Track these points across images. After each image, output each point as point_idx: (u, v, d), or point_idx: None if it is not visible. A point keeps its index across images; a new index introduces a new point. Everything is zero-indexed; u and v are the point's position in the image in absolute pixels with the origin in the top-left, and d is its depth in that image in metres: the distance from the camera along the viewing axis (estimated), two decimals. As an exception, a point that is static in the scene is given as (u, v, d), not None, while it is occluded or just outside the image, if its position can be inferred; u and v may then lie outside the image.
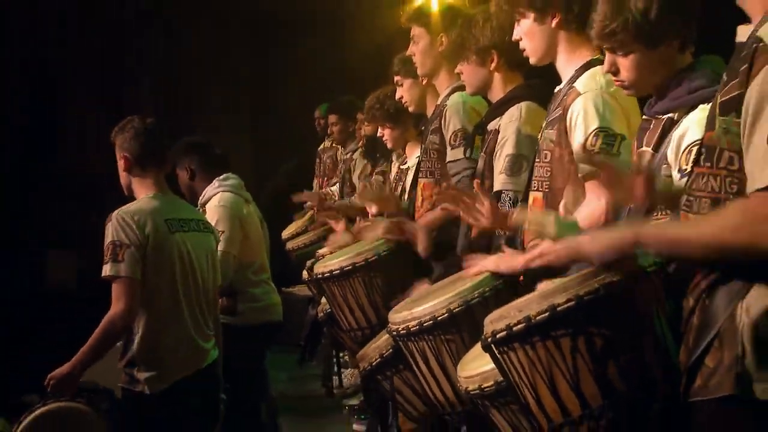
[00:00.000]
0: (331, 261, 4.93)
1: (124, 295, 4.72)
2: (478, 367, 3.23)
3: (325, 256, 5.38)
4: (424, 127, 5.42)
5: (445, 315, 3.63)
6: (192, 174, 6.30)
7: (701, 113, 2.93)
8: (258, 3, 11.68)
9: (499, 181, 4.13)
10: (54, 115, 11.86)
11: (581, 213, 3.56)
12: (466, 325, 3.61)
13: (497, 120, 4.30)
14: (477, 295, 3.62)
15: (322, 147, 9.84)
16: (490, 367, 3.00)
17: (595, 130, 3.56)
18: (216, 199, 6.20)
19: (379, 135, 6.48)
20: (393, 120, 6.17)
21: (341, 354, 8.11)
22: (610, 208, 3.37)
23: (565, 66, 3.82)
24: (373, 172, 7.40)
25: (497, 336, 2.75)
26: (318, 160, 9.87)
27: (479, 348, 2.96)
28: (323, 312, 5.59)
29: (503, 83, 4.39)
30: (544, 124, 3.85)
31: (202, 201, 6.21)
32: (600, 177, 3.16)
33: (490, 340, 2.78)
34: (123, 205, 4.89)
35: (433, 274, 4.48)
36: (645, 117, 3.28)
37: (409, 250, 4.73)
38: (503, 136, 4.17)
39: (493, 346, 2.80)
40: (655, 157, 3.13)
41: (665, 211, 3.01)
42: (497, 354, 2.81)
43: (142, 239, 4.77)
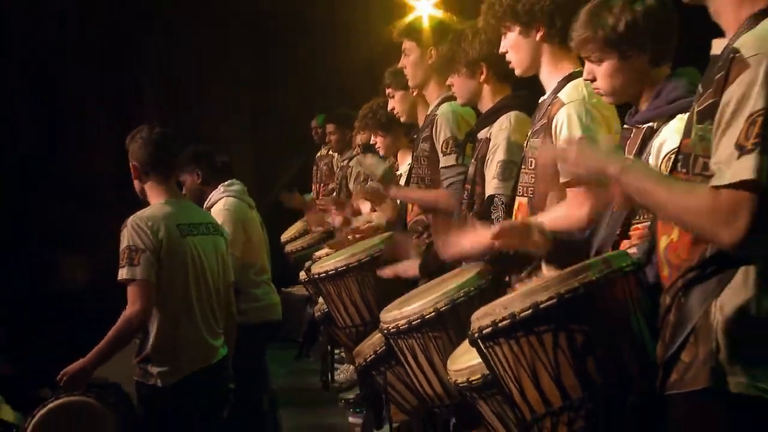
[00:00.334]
0: (327, 262, 4.95)
1: (140, 297, 4.74)
2: (466, 361, 3.25)
3: (322, 257, 5.38)
4: (415, 136, 5.41)
5: (433, 314, 3.65)
6: (200, 179, 6.32)
7: (679, 122, 2.92)
8: (258, 3, 11.64)
9: (492, 186, 4.12)
10: (54, 115, 11.86)
11: (558, 212, 3.54)
12: (453, 323, 3.62)
13: (487, 129, 4.29)
14: (462, 295, 3.64)
15: (319, 154, 9.85)
16: (478, 361, 3.01)
17: (578, 138, 3.55)
18: (221, 204, 6.25)
19: (372, 143, 6.49)
20: (385, 129, 6.18)
21: (337, 350, 8.12)
22: (593, 214, 3.38)
23: (549, 77, 3.81)
24: (367, 178, 7.39)
25: (483, 332, 2.75)
26: (315, 167, 9.88)
27: (467, 343, 2.96)
28: (320, 311, 5.59)
29: (492, 94, 4.38)
30: (530, 133, 3.84)
31: (207, 205, 6.23)
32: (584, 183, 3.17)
33: (476, 335, 2.78)
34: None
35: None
36: (626, 126, 3.28)
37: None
38: (494, 144, 4.16)
39: (479, 342, 2.80)
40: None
41: (645, 215, 3.00)
42: (484, 349, 2.81)
43: (156, 244, 4.78)
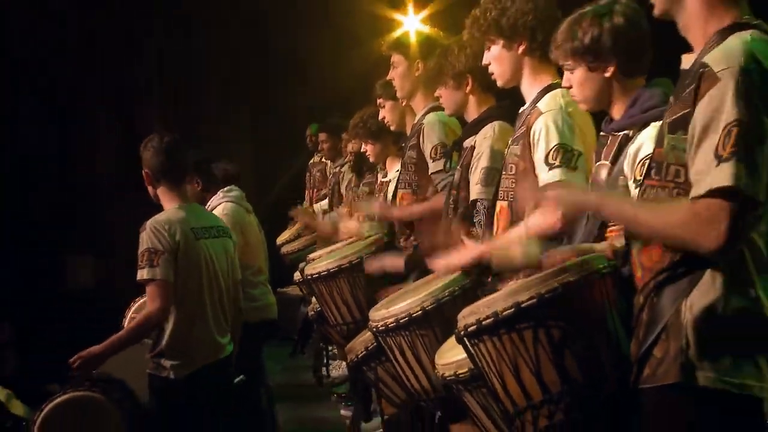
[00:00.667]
0: (320, 263, 4.95)
1: (159, 296, 4.77)
2: (453, 356, 3.25)
3: (315, 259, 5.38)
4: (403, 144, 5.42)
5: (419, 312, 3.64)
6: (200, 187, 6.34)
7: (653, 130, 2.94)
8: (257, 3, 11.65)
9: (476, 191, 4.12)
10: (55, 115, 11.86)
11: (534, 220, 3.53)
12: (438, 321, 3.62)
13: (472, 137, 4.30)
14: (447, 294, 3.63)
15: (312, 161, 9.86)
16: (464, 356, 3.00)
17: (555, 146, 3.56)
18: (220, 209, 6.27)
19: (362, 150, 6.50)
20: (374, 137, 6.17)
21: (329, 347, 8.12)
22: (566, 217, 3.40)
23: (529, 89, 3.82)
24: (359, 183, 7.40)
25: (468, 329, 2.76)
26: (308, 174, 9.89)
27: (454, 339, 2.96)
28: (313, 310, 5.59)
29: (477, 104, 4.38)
30: (510, 141, 3.84)
31: (207, 209, 6.22)
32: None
33: (462, 333, 2.80)
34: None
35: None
36: (603, 133, 3.29)
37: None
38: (479, 152, 4.16)
39: (465, 339, 2.81)
40: (612, 170, 3.15)
41: None
42: (469, 345, 2.82)
43: (174, 245, 4.81)
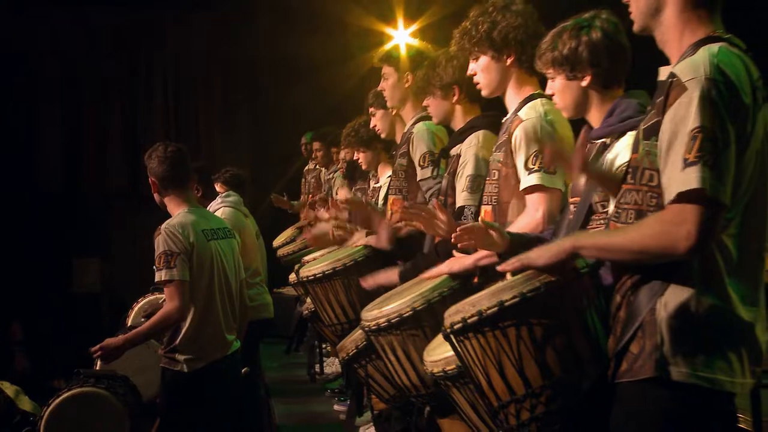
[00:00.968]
0: (315, 266, 4.92)
1: (178, 295, 4.83)
2: (441, 353, 3.25)
3: (310, 261, 5.37)
4: (394, 151, 5.42)
5: (410, 313, 3.63)
6: (200, 193, 6.35)
7: (630, 139, 2.94)
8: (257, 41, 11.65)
9: (462, 198, 4.12)
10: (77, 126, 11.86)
11: (521, 222, 3.59)
12: (428, 321, 3.60)
13: (458, 146, 4.30)
14: (437, 295, 3.62)
15: (306, 168, 9.84)
16: (452, 353, 3.00)
17: (535, 151, 3.58)
18: (219, 213, 6.27)
19: (354, 158, 6.50)
20: (366, 145, 6.18)
21: (323, 345, 8.11)
22: (546, 218, 3.42)
23: (512, 99, 3.83)
24: (351, 189, 7.40)
25: (455, 327, 2.76)
26: (303, 180, 9.88)
27: (442, 337, 2.96)
28: (308, 310, 5.57)
29: (464, 114, 4.38)
30: (494, 148, 3.86)
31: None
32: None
33: (449, 331, 2.79)
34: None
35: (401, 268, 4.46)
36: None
37: (381, 256, 4.72)
38: (464, 160, 4.17)
39: (451, 336, 2.80)
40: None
41: (603, 212, 3.04)
42: (455, 343, 2.81)
43: (189, 247, 4.88)
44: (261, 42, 11.52)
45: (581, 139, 2.99)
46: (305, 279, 4.90)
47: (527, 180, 3.58)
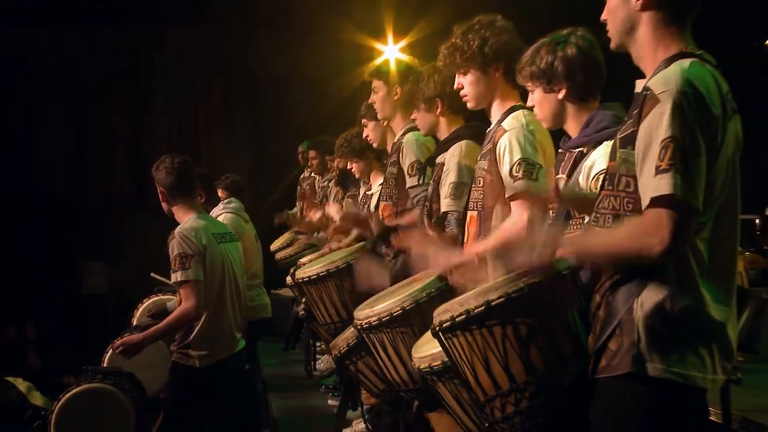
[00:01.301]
0: (310, 268, 4.94)
1: (194, 294, 4.84)
2: (428, 350, 3.26)
3: (305, 264, 5.36)
4: (385, 161, 5.42)
5: (399, 311, 3.64)
6: (203, 199, 6.35)
7: (606, 148, 2.97)
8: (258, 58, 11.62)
9: (446, 204, 4.12)
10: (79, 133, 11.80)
11: (506, 225, 3.58)
12: (417, 320, 3.61)
13: (443, 155, 4.30)
14: (425, 295, 3.63)
15: (302, 176, 9.84)
16: (438, 350, 3.01)
17: (518, 160, 3.58)
18: (220, 219, 6.28)
19: (348, 167, 6.49)
20: (358, 155, 6.17)
21: (318, 343, 8.11)
22: (531, 222, 3.41)
23: (496, 110, 3.83)
24: (344, 196, 7.39)
25: (443, 325, 2.75)
26: (299, 187, 9.87)
27: (429, 335, 2.96)
28: (303, 310, 5.56)
29: (448, 125, 4.37)
30: (479, 156, 3.86)
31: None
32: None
33: (437, 329, 2.78)
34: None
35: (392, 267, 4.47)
36: (560, 150, 3.33)
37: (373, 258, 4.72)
38: (447, 168, 4.16)
39: (440, 334, 2.79)
40: (568, 183, 3.17)
41: (579, 216, 3.03)
42: (443, 340, 2.80)
43: (202, 249, 4.89)
44: (260, 56, 11.50)
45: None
46: (301, 280, 4.90)
47: (512, 187, 3.57)
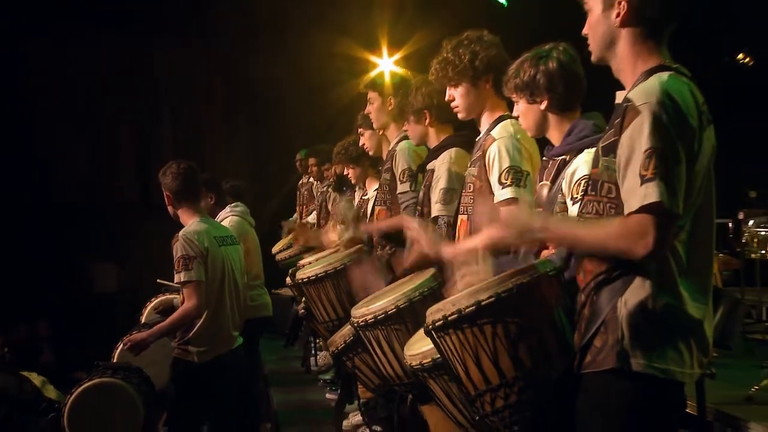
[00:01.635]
0: (309, 269, 4.93)
1: (195, 294, 4.87)
2: (420, 347, 3.25)
3: (305, 265, 5.35)
4: (380, 167, 5.41)
5: (394, 310, 3.64)
6: (213, 201, 6.41)
7: (587, 155, 2.97)
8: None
9: (436, 209, 4.11)
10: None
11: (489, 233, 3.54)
12: (410, 317, 3.61)
13: (433, 162, 4.29)
14: (418, 294, 3.63)
15: (301, 182, 9.84)
16: (430, 347, 3.02)
17: (507, 167, 3.57)
18: (227, 221, 6.37)
19: (345, 174, 6.48)
20: (354, 162, 6.16)
21: (317, 340, 8.09)
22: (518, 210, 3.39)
23: (486, 120, 3.82)
24: (341, 200, 7.39)
25: (436, 324, 2.73)
26: (298, 193, 9.87)
27: (422, 333, 2.96)
28: (303, 309, 5.55)
29: (437, 134, 4.37)
30: (469, 163, 3.85)
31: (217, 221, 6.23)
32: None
33: (430, 327, 2.77)
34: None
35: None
36: (545, 158, 3.33)
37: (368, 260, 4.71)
38: (437, 174, 4.16)
39: (432, 332, 2.78)
40: (552, 189, 3.16)
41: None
42: (436, 338, 2.79)
43: (204, 251, 4.92)
44: (261, 65, 11.50)
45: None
46: (300, 281, 4.90)
47: (501, 194, 3.55)
